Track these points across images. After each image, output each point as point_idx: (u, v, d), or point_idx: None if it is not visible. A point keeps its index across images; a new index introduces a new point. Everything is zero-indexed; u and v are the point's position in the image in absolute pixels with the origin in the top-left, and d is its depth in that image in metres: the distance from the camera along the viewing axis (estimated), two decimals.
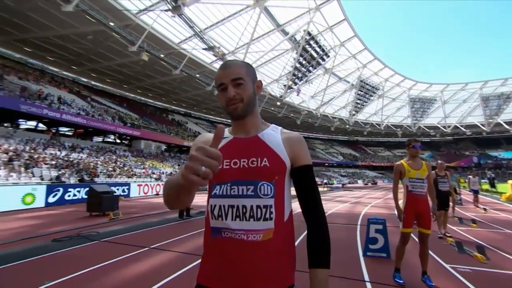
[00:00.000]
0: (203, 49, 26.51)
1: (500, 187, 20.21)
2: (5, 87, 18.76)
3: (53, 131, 22.49)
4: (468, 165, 53.62)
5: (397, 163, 3.30)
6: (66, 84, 27.90)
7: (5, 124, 19.70)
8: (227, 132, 1.03)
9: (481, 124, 52.57)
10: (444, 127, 56.70)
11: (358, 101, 48.44)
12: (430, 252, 4.40)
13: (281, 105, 41.29)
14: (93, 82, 33.30)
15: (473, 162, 54.74)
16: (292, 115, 46.91)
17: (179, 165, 26.81)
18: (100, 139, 29.24)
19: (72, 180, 13.63)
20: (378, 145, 72.20)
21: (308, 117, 48.80)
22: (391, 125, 58.78)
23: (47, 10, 18.38)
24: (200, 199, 13.34)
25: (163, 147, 32.93)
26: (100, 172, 16.40)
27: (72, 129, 24.85)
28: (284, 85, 37.22)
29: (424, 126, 57.54)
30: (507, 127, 50.66)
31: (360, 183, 48.85)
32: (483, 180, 31.71)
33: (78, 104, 23.97)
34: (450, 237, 5.35)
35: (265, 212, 0.87)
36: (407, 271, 3.44)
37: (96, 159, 18.86)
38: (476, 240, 5.31)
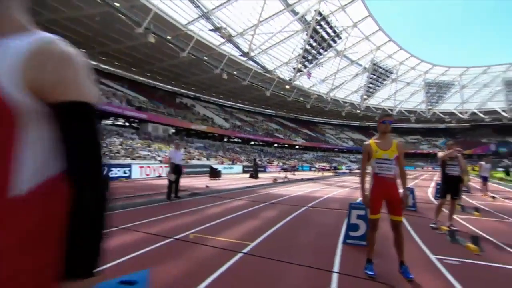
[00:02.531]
0: (210, 30, 25.75)
1: None
2: None
3: None
4: (485, 153, 51.31)
5: (365, 142, 3.04)
6: None
7: None
8: None
9: (502, 110, 49.78)
10: (461, 113, 54.10)
11: (371, 85, 46.71)
12: (419, 241, 4.11)
13: (291, 88, 40.31)
14: (102, 65, 33.37)
15: (490, 150, 52.31)
16: (302, 99, 45.87)
17: (185, 148, 26.78)
18: (109, 122, 29.64)
19: None
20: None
21: (318, 101, 47.57)
22: (404, 110, 56.72)
23: None
24: (198, 181, 13.32)
25: (171, 130, 33.09)
26: (104, 153, 16.65)
27: None
28: (294, 68, 36.08)
29: (439, 112, 55.15)
30: None
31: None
32: (499, 169, 30.40)
33: None
34: (454, 229, 4.58)
35: None
36: (386, 261, 3.16)
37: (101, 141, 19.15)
38: (475, 229, 4.93)
